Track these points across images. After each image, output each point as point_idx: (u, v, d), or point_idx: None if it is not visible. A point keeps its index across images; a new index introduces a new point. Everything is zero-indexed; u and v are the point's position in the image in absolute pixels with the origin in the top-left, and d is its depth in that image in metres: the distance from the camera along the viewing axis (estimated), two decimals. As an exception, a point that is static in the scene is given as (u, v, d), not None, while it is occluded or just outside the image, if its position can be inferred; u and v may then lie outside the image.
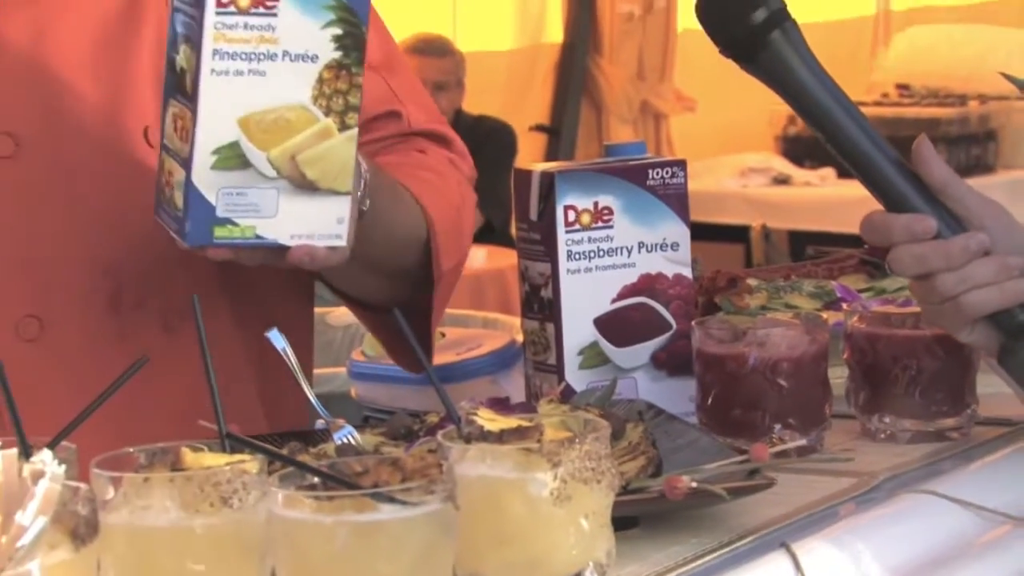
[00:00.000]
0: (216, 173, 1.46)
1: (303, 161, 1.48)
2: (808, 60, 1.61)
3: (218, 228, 1.47)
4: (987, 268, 1.57)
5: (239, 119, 1.47)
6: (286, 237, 1.49)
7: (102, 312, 1.70)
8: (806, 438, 1.72)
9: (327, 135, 1.49)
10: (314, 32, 1.48)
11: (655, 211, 1.85)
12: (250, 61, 1.46)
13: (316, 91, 1.48)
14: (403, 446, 1.51)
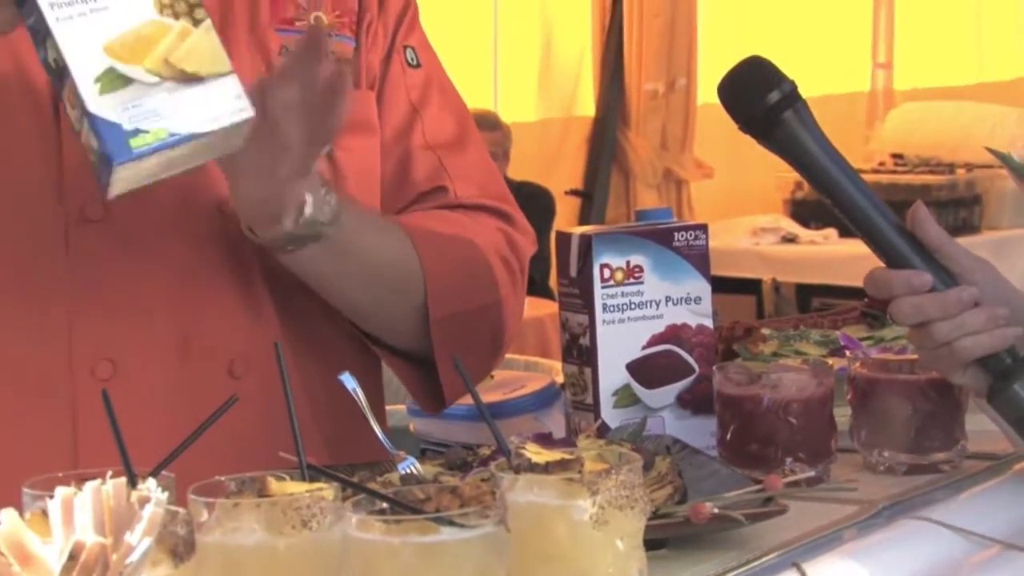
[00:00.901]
0: (106, 96, 1.42)
1: (177, 60, 1.44)
2: (817, 136, 1.62)
3: (133, 140, 1.42)
4: (978, 317, 1.57)
5: (103, 48, 1.43)
6: (197, 126, 1.45)
7: (172, 359, 1.68)
8: (814, 470, 1.72)
9: (186, 34, 1.45)
10: None
11: (680, 269, 1.85)
12: (86, 3, 1.44)
13: (157, 5, 1.45)
14: (459, 476, 1.50)
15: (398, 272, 1.75)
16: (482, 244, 1.82)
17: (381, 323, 1.80)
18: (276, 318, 1.70)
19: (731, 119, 1.65)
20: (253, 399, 1.51)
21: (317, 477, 1.30)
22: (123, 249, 1.67)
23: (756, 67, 1.66)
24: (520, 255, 1.87)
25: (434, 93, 1.87)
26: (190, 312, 1.69)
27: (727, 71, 1.68)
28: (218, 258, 1.67)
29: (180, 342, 1.68)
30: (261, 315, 1.69)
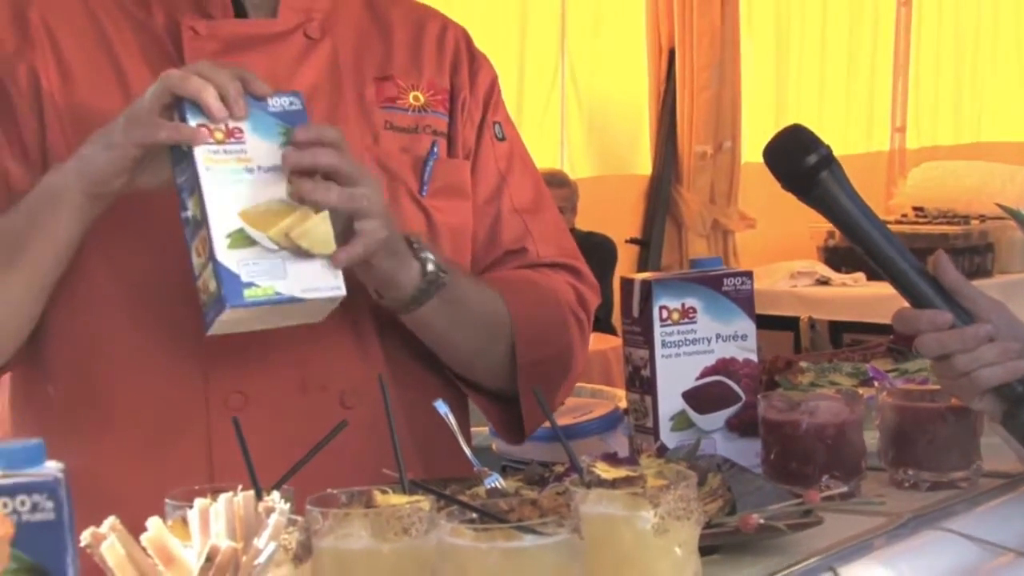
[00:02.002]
0: (232, 251, 1.48)
1: (296, 236, 1.50)
2: (850, 192, 1.62)
3: (247, 291, 1.48)
4: (993, 351, 1.56)
5: (239, 212, 1.49)
6: (299, 291, 1.50)
7: (293, 392, 1.68)
8: (847, 486, 1.71)
9: (307, 217, 1.51)
10: (275, 149, 1.52)
11: (729, 310, 1.85)
12: (233, 174, 1.50)
13: (288, 188, 1.51)
14: (537, 490, 1.49)
15: (494, 321, 1.75)
16: (558, 299, 1.83)
17: (477, 366, 1.81)
18: (381, 355, 1.70)
19: (774, 178, 1.64)
20: (361, 424, 1.51)
21: (415, 490, 1.31)
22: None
23: (796, 134, 1.65)
24: (587, 308, 1.88)
25: (516, 162, 1.88)
26: (308, 352, 1.68)
27: (771, 137, 1.67)
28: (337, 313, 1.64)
29: (299, 377, 1.68)
30: (368, 353, 1.70)
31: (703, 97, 6.02)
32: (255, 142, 1.52)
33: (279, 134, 1.53)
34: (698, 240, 6.02)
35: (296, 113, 1.54)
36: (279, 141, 1.53)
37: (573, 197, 5.33)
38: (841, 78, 6.99)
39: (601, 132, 5.96)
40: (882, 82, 7.28)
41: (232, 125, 1.51)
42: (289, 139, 1.53)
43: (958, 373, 1.57)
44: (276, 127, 1.53)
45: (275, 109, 1.54)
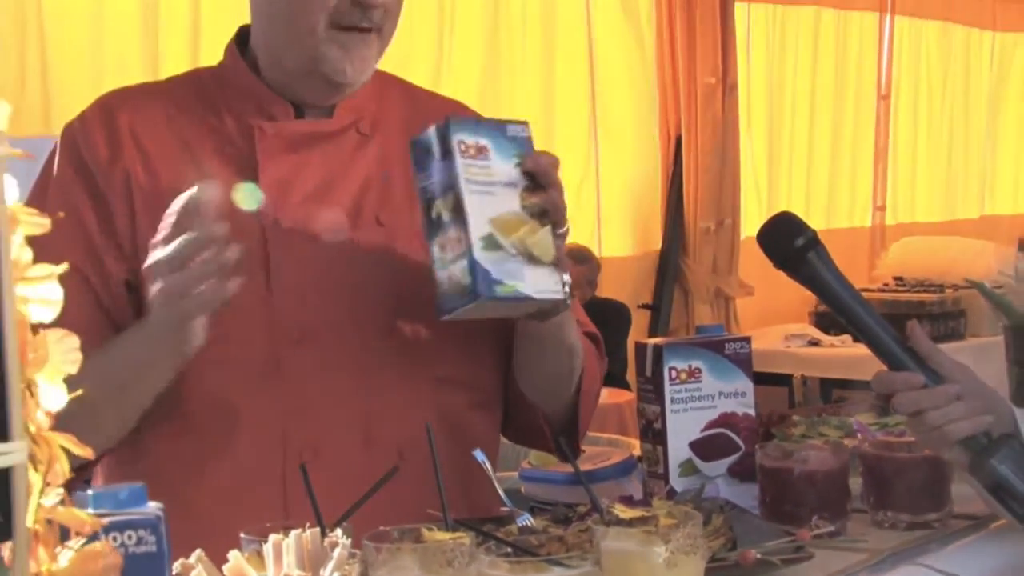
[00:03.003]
0: (484, 252, 1.52)
1: (530, 244, 1.56)
2: (833, 271, 1.62)
3: (496, 287, 1.53)
4: (960, 408, 1.56)
5: (489, 219, 1.54)
6: (534, 292, 1.55)
7: (357, 446, 1.68)
8: (834, 525, 1.71)
9: (535, 230, 1.56)
10: (510, 169, 1.58)
11: (730, 371, 1.85)
12: (483, 186, 1.55)
13: (522, 204, 1.57)
14: (563, 527, 1.47)
15: (576, 351, 1.78)
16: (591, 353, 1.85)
17: (550, 391, 1.81)
18: (433, 412, 1.69)
19: (765, 256, 1.65)
20: (413, 473, 1.51)
21: (458, 528, 1.32)
22: (320, 366, 1.67)
23: (785, 219, 1.66)
24: (601, 371, 1.90)
25: None
26: (371, 411, 1.69)
27: (764, 222, 1.67)
28: (392, 371, 1.68)
29: (363, 434, 1.68)
30: (422, 410, 1.69)
31: (706, 179, 6.00)
32: (496, 161, 1.57)
33: (513, 155, 1.58)
34: (703, 306, 5.98)
35: (524, 140, 1.61)
36: (513, 162, 1.58)
37: (591, 273, 5.31)
38: (828, 162, 6.99)
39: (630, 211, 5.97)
40: (864, 165, 7.28)
41: (481, 143, 1.57)
42: (520, 161, 1.58)
43: (930, 427, 1.58)
44: (511, 149, 1.59)
45: (511, 134, 1.60)
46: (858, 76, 7.14)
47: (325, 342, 1.66)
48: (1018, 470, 1.55)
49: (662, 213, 6.04)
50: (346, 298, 1.69)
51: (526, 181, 1.58)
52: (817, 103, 6.87)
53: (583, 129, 5.70)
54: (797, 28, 6.72)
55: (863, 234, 7.17)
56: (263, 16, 1.73)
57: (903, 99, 7.43)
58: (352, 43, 1.66)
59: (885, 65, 7.31)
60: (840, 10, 6.93)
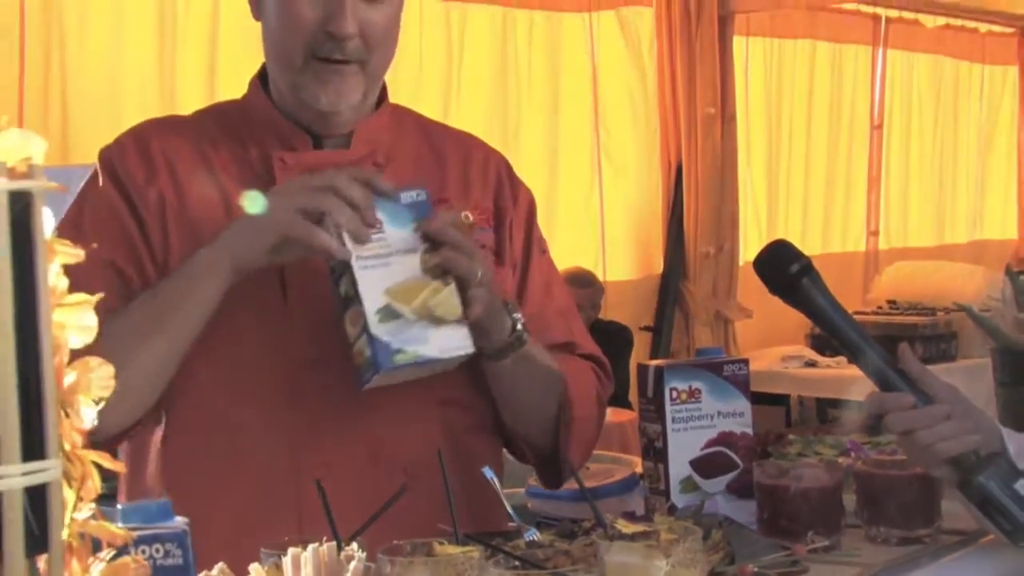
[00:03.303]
0: (382, 324, 1.54)
1: (433, 307, 1.56)
2: (826, 296, 1.63)
3: (395, 356, 1.55)
4: (949, 427, 1.57)
5: (385, 291, 1.55)
6: (438, 353, 1.57)
7: (366, 465, 1.69)
8: (829, 540, 1.71)
9: (438, 290, 1.57)
10: (407, 235, 1.58)
11: (728, 392, 1.86)
12: (378, 259, 1.56)
13: (422, 266, 1.58)
14: (568, 542, 1.50)
15: (551, 381, 1.77)
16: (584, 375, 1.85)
17: (532, 420, 1.81)
18: (437, 433, 1.72)
19: (764, 285, 1.67)
20: (422, 490, 1.52)
21: (467, 542, 1.33)
22: (332, 388, 1.68)
23: (781, 247, 1.67)
24: (604, 393, 1.90)
25: (553, 271, 1.91)
26: (378, 431, 1.71)
27: (760, 249, 1.69)
28: (398, 394, 1.68)
29: (371, 453, 1.70)
30: (428, 432, 1.72)
31: (706, 205, 6.00)
32: (391, 231, 1.58)
33: (410, 222, 1.59)
34: (702, 328, 5.98)
35: (422, 204, 1.61)
36: (410, 228, 1.59)
37: (595, 296, 5.30)
38: (824, 188, 7.01)
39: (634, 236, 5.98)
40: (858, 192, 7.29)
41: (375, 222, 1.58)
42: (419, 225, 1.59)
43: (921, 446, 1.59)
44: (407, 217, 1.59)
45: (406, 201, 1.60)
46: (852, 106, 7.17)
47: (337, 366, 1.67)
48: (1005, 487, 1.56)
49: (663, 238, 6.05)
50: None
51: (426, 244, 1.59)
52: (813, 132, 6.89)
53: (587, 158, 5.72)
54: (794, 60, 6.75)
55: (858, 258, 7.18)
56: (265, 52, 1.77)
57: (895, 129, 7.46)
58: (326, 74, 1.68)
59: (878, 96, 7.33)
60: (835, 43, 6.96)
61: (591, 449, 1.90)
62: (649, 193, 6.03)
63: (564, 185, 5.58)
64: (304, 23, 1.66)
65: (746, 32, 6.30)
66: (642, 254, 6.03)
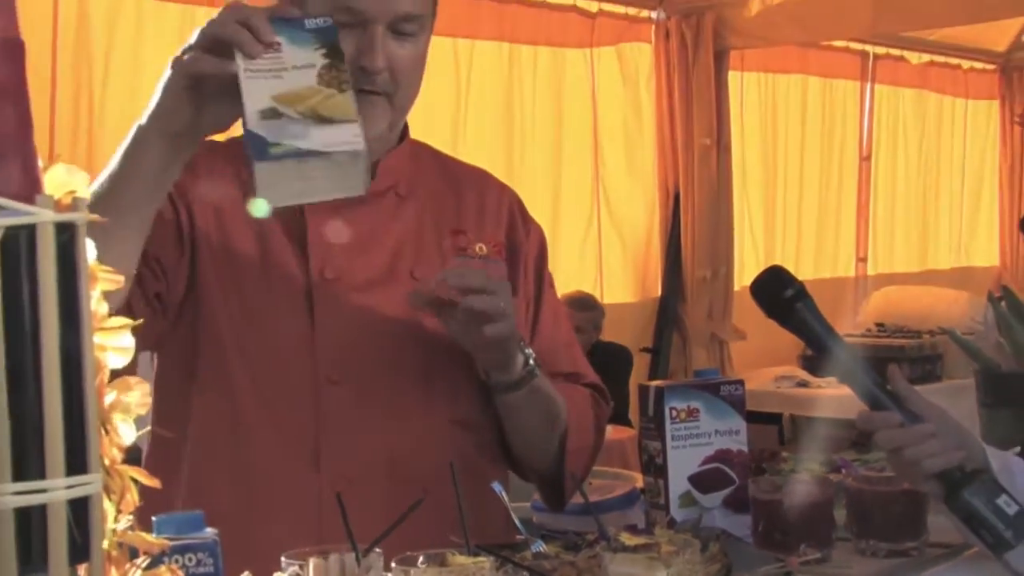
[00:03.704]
0: (263, 122, 1.39)
1: (320, 108, 1.41)
2: (819, 319, 1.62)
3: (271, 148, 1.36)
4: (935, 444, 1.57)
5: (272, 96, 1.42)
6: (319, 146, 1.38)
7: (383, 480, 1.69)
8: (820, 553, 1.72)
9: (332, 96, 1.43)
10: (308, 54, 1.47)
11: (725, 411, 1.87)
12: (270, 72, 1.44)
13: (318, 79, 1.44)
14: (573, 553, 1.50)
15: (556, 413, 1.78)
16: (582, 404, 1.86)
17: (536, 449, 1.82)
18: (449, 451, 1.70)
19: (760, 309, 1.67)
20: (433, 502, 1.52)
21: (478, 553, 1.35)
22: (354, 404, 1.69)
23: (775, 273, 1.67)
24: (603, 419, 1.90)
25: (560, 304, 1.92)
26: (396, 449, 1.71)
27: (756, 275, 1.68)
28: (416, 414, 1.70)
29: (388, 469, 1.70)
30: (440, 449, 1.72)
31: (703, 232, 6.00)
32: (291, 51, 1.47)
33: (313, 43, 1.48)
34: (699, 349, 5.97)
35: (328, 29, 1.51)
36: (313, 47, 1.48)
37: (596, 318, 5.30)
38: (816, 216, 7.03)
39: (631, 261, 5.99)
40: (848, 219, 7.31)
41: (275, 40, 1.47)
42: (319, 46, 1.48)
43: (908, 462, 1.59)
44: (310, 39, 1.49)
45: (310, 27, 1.50)
46: (843, 138, 7.19)
47: (360, 383, 1.68)
48: (988, 502, 1.56)
49: (662, 263, 6.05)
50: (381, 345, 1.72)
51: (326, 60, 1.47)
52: (806, 163, 6.92)
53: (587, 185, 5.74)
54: (787, 94, 6.78)
55: (848, 283, 7.19)
56: None
57: (883, 159, 7.48)
58: (361, 103, 1.65)
59: (866, 129, 7.36)
60: (825, 78, 7.00)
61: (587, 473, 1.90)
62: (648, 220, 6.04)
63: (566, 211, 5.60)
64: None
65: (741, 67, 6.32)
66: (641, 278, 6.04)
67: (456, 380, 1.75)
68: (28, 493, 0.74)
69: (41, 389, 0.75)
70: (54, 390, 0.75)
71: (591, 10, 5.64)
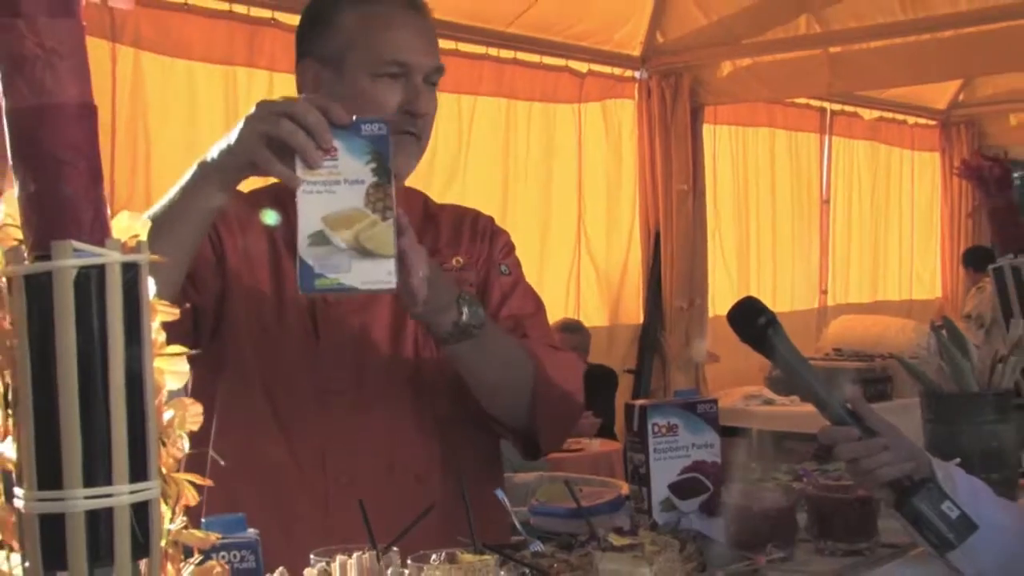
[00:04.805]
0: (311, 248, 1.37)
1: (363, 239, 1.38)
2: (788, 345, 1.62)
3: (317, 280, 1.37)
4: (888, 456, 1.58)
5: (322, 217, 1.38)
6: (359, 284, 1.39)
7: (383, 474, 1.71)
8: (785, 552, 1.72)
9: (375, 224, 1.39)
10: (360, 167, 1.40)
11: (700, 426, 1.88)
12: (325, 185, 1.39)
13: (365, 200, 1.39)
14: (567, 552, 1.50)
15: (518, 359, 1.73)
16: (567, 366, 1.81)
17: (500, 400, 1.76)
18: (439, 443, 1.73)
19: (734, 332, 1.65)
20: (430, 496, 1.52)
21: (483, 551, 1.34)
22: (355, 408, 1.71)
23: (750, 303, 1.66)
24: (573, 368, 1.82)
25: (519, 290, 1.87)
26: (394, 444, 1.73)
27: (732, 304, 1.67)
28: (408, 411, 1.72)
29: (388, 464, 1.72)
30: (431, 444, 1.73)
31: (680, 267, 6.01)
32: (346, 161, 1.41)
33: (366, 153, 1.41)
34: (677, 371, 5.96)
35: (381, 139, 1.43)
36: (365, 160, 1.41)
37: (584, 341, 5.28)
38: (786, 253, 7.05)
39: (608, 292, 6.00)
40: (812, 258, 7.34)
41: (329, 147, 1.41)
42: (374, 159, 1.41)
43: (864, 472, 1.59)
44: (364, 149, 1.41)
45: (366, 133, 1.43)
46: (808, 184, 7.24)
47: (360, 389, 1.70)
48: (934, 507, 1.57)
49: (643, 294, 6.07)
50: (377, 355, 1.73)
51: (375, 178, 1.41)
52: (772, 205, 6.96)
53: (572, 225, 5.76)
54: (755, 145, 6.82)
55: (812, 313, 7.21)
56: None
57: (840, 203, 7.52)
58: (401, 143, 1.69)
59: (825, 176, 7.40)
60: (790, 131, 7.05)
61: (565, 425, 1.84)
62: (632, 256, 6.06)
63: (553, 248, 5.63)
64: (389, 105, 1.68)
65: (714, 121, 6.36)
66: (625, 307, 6.05)
67: (439, 381, 1.76)
68: (97, 497, 0.75)
69: (109, 407, 0.77)
70: (120, 408, 0.77)
71: (581, 70, 5.68)
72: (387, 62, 1.67)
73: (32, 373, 0.76)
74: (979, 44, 5.36)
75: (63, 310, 0.76)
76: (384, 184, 1.41)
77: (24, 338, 0.76)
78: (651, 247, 6.05)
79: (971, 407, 1.96)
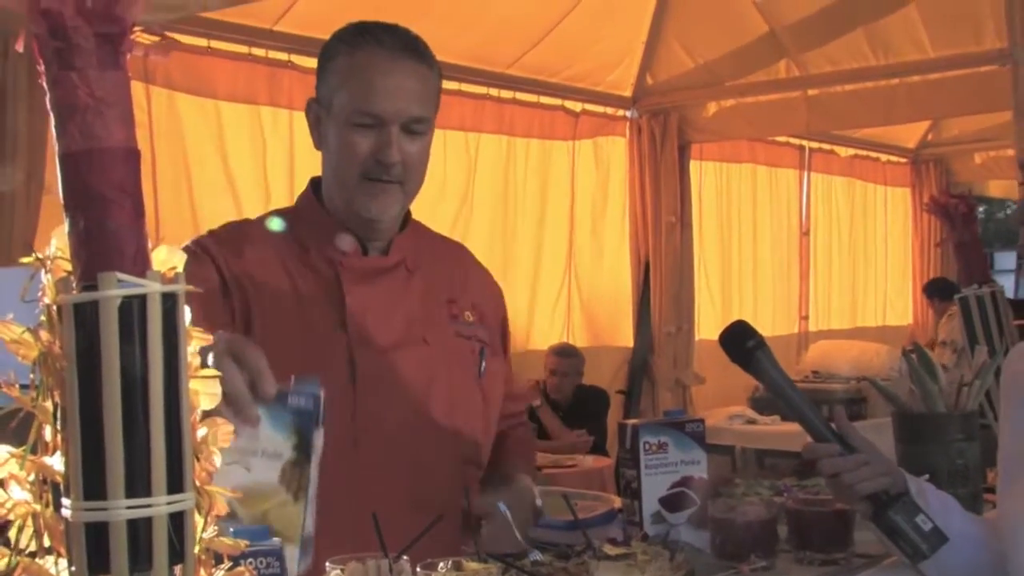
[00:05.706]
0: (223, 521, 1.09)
1: (271, 519, 1.24)
2: (775, 365, 1.62)
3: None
4: (866, 471, 1.58)
5: (232, 488, 1.08)
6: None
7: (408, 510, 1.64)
8: (766, 562, 1.72)
9: (286, 505, 1.25)
10: (280, 442, 1.25)
11: (688, 444, 1.87)
12: (240, 454, 1.23)
13: (280, 476, 1.25)
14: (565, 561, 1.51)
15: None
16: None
17: None
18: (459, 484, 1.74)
19: (723, 352, 1.64)
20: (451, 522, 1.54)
21: (487, 560, 1.36)
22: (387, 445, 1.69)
23: (740, 326, 1.65)
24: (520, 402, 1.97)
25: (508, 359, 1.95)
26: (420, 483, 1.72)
27: (723, 328, 1.65)
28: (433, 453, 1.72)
29: (413, 500, 1.69)
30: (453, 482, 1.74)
31: (668, 294, 6.03)
32: (267, 434, 1.25)
33: (288, 428, 1.26)
34: (665, 392, 5.97)
35: (307, 414, 1.27)
36: (286, 434, 1.26)
37: (579, 365, 5.29)
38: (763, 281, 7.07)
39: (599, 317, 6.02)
40: (793, 286, 7.36)
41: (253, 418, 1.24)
42: (296, 433, 1.26)
43: (844, 486, 1.60)
44: (287, 423, 1.26)
45: (292, 406, 1.27)
46: (788, 217, 7.29)
47: (389, 431, 1.69)
48: (909, 520, 1.58)
49: (634, 319, 6.08)
50: (408, 397, 1.72)
51: (293, 456, 1.26)
52: (755, 236, 6.99)
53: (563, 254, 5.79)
54: (739, 180, 6.87)
55: (792, 338, 7.23)
56: (324, 173, 1.78)
57: (819, 235, 7.57)
58: (375, 191, 1.70)
59: (804, 209, 7.44)
60: (771, 167, 7.10)
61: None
62: (623, 284, 6.09)
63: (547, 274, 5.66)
64: (360, 153, 1.68)
65: (700, 157, 6.41)
66: (616, 332, 6.06)
67: (464, 427, 1.76)
68: (138, 507, 0.77)
69: (149, 425, 0.79)
70: (159, 426, 0.79)
71: (575, 109, 5.74)
72: (360, 112, 1.66)
73: (79, 393, 0.78)
74: (945, 88, 5.43)
75: (108, 336, 0.78)
76: (302, 463, 1.26)
77: (72, 361, 0.78)
78: (641, 275, 6.07)
79: (939, 427, 1.97)
